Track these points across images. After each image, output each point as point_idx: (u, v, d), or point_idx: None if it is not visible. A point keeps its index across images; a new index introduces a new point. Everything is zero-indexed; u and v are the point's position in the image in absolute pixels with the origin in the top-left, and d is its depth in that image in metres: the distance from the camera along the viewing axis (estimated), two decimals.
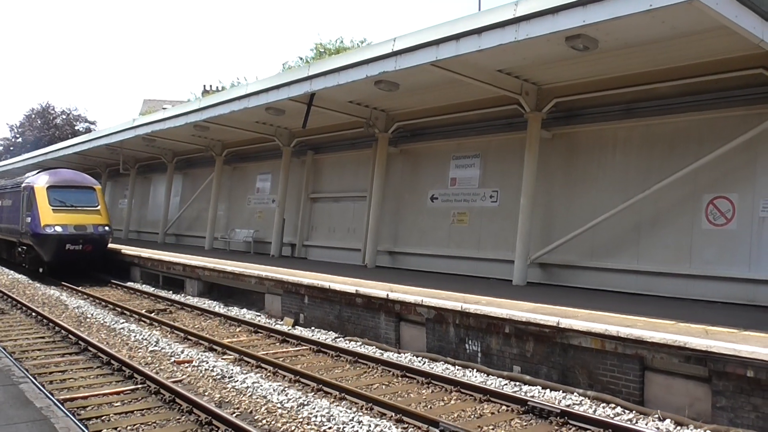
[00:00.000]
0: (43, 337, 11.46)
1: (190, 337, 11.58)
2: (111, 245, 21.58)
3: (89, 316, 13.89)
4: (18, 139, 58.73)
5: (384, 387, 8.54)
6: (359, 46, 37.51)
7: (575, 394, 8.00)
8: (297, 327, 12.94)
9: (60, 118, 57.99)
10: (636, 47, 10.66)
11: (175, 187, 28.95)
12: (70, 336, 11.25)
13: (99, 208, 20.83)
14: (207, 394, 8.06)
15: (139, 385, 8.24)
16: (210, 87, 46.38)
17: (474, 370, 9.28)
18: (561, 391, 8.14)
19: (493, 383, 8.60)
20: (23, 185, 21.46)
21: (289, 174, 20.94)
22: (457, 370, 9.38)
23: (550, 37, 9.62)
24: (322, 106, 16.02)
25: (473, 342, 9.59)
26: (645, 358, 7.58)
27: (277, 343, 11.40)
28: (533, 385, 8.46)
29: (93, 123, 59.02)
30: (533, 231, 13.56)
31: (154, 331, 12.25)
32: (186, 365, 9.55)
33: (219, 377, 8.87)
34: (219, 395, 8.01)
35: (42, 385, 7.53)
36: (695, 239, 11.74)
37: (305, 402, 7.64)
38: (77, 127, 56.98)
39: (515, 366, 8.99)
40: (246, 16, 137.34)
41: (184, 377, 8.83)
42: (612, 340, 7.78)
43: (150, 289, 18.23)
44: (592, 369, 8.07)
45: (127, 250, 21.84)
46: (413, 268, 16.67)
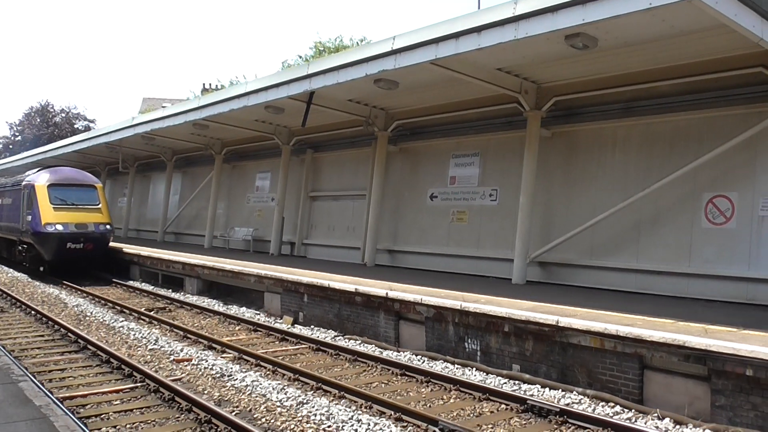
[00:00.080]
0: (43, 336, 11.47)
1: (189, 336, 11.59)
2: (112, 244, 21.56)
3: (88, 314, 13.90)
4: (17, 138, 58.68)
5: (383, 385, 8.55)
6: (359, 44, 37.46)
7: (574, 392, 8.00)
8: (296, 325, 12.94)
9: (59, 116, 57.98)
10: (635, 46, 10.66)
11: (175, 186, 28.93)
12: (69, 334, 11.26)
13: (100, 206, 20.77)
14: (206, 392, 8.06)
15: (139, 384, 8.24)
16: (209, 85, 46.33)
17: (473, 368, 9.29)
18: (560, 390, 8.14)
19: (493, 382, 8.60)
20: (24, 183, 21.40)
21: (289, 172, 20.92)
22: (457, 368, 9.38)
23: (549, 36, 9.63)
24: (321, 104, 16.01)
25: (472, 341, 9.59)
26: (644, 356, 7.59)
27: (277, 342, 11.41)
28: (532, 384, 8.47)
29: (92, 121, 59.09)
30: (533, 230, 13.56)
31: (153, 330, 12.25)
32: (185, 363, 9.55)
33: (218, 376, 8.87)
34: (218, 394, 8.01)
35: (41, 384, 7.53)
36: (695, 238, 11.74)
37: (304, 400, 7.65)
38: (76, 126, 56.97)
39: (514, 365, 8.99)
40: (245, 14, 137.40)
41: (183, 376, 8.84)
42: (611, 338, 7.78)
43: (149, 288, 18.23)
44: (591, 368, 8.08)
45: (127, 248, 21.82)
46: (412, 266, 16.68)
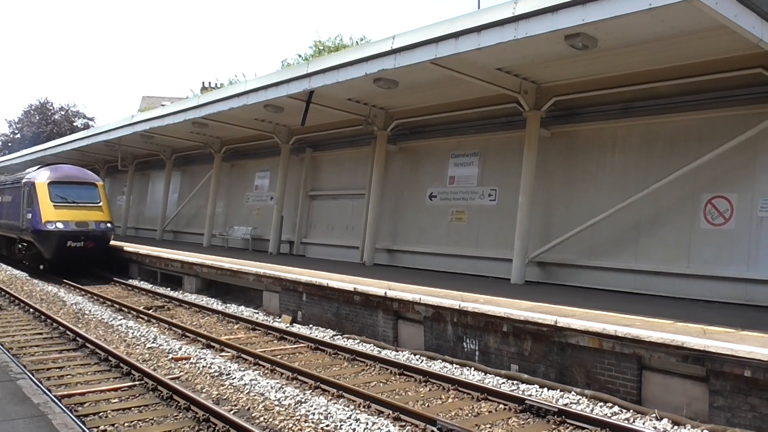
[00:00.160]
0: (41, 334, 11.46)
1: (187, 334, 11.58)
2: (112, 242, 21.51)
3: (87, 312, 13.89)
4: (16, 135, 58.69)
5: (382, 385, 8.55)
6: (358, 44, 37.43)
7: (573, 393, 8.00)
8: (295, 324, 12.94)
9: (58, 114, 57.98)
10: (635, 46, 10.65)
11: (174, 184, 28.90)
12: (67, 332, 11.25)
13: (101, 204, 20.68)
14: (204, 391, 8.06)
15: (137, 382, 8.24)
16: (209, 84, 46.26)
17: (472, 368, 9.29)
18: (558, 390, 8.15)
19: (491, 382, 8.61)
20: (24, 181, 21.35)
21: (288, 171, 20.90)
22: (455, 368, 9.38)
23: (549, 36, 9.62)
24: (321, 103, 16.00)
25: (471, 340, 9.59)
26: (643, 357, 7.59)
27: (275, 341, 11.41)
28: (531, 384, 8.47)
29: (91, 119, 59.08)
30: (532, 230, 13.56)
31: (152, 328, 12.25)
32: (183, 362, 9.55)
33: (217, 374, 8.87)
34: (216, 392, 8.01)
35: (39, 381, 7.52)
36: (694, 239, 11.74)
37: (303, 399, 7.64)
38: (76, 124, 56.95)
39: (513, 365, 8.99)
40: (245, 13, 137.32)
41: (181, 374, 8.84)
42: (610, 339, 7.78)
43: (148, 286, 18.22)
44: (589, 368, 8.08)
45: (127, 247, 21.79)
46: (411, 266, 16.67)
